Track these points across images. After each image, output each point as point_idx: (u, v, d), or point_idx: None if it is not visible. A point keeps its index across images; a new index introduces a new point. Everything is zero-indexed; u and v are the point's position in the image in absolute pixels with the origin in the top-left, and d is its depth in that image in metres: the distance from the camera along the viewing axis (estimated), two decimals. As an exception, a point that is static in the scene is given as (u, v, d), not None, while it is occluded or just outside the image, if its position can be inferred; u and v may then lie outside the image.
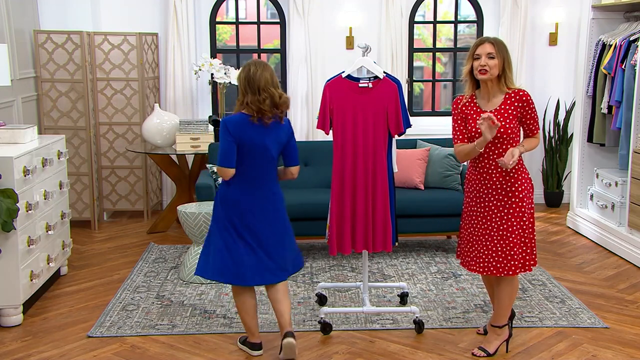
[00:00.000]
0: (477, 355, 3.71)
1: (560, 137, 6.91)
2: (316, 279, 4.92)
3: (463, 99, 3.67)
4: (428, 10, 7.22)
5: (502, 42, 3.59)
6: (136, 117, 6.47)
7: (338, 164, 3.92)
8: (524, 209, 3.56)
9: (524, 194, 3.55)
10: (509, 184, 3.54)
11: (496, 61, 3.51)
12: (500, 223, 3.57)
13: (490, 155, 3.56)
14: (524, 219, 3.57)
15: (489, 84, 3.57)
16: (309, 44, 6.68)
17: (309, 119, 6.75)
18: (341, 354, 3.75)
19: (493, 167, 3.56)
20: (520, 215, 3.55)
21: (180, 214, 4.85)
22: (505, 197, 3.55)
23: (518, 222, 3.55)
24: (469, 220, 3.71)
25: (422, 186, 5.60)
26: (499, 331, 3.73)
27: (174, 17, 6.57)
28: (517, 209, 3.55)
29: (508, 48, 3.62)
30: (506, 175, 3.54)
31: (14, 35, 5.68)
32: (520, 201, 3.54)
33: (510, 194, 3.54)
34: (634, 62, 5.26)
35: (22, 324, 4.15)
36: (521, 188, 3.55)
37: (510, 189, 3.54)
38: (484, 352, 3.71)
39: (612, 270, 5.13)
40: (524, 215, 3.56)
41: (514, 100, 3.54)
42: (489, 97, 3.60)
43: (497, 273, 3.59)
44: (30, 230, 4.26)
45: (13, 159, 4.02)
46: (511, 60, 3.60)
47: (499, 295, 3.69)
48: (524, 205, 3.56)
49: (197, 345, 3.85)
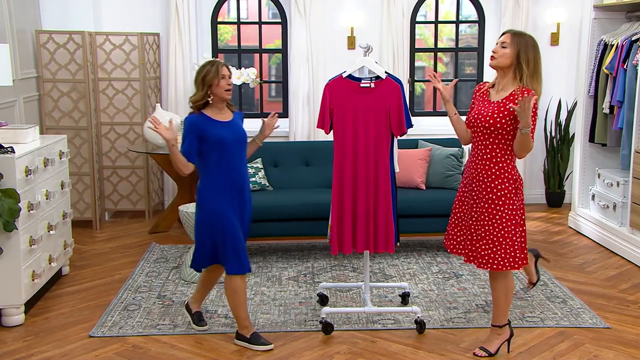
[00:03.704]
0: (479, 355, 3.71)
1: (561, 137, 6.90)
2: (317, 279, 4.91)
3: (482, 87, 3.71)
4: (429, 10, 7.21)
5: (525, 38, 3.52)
6: (138, 117, 6.48)
7: (338, 164, 3.92)
8: (499, 207, 3.52)
9: (502, 193, 3.51)
10: (489, 180, 3.53)
11: (507, 51, 3.49)
12: (477, 215, 3.59)
13: (479, 146, 3.58)
14: (497, 217, 3.52)
15: (500, 74, 3.58)
16: (311, 44, 6.68)
17: (310, 119, 6.74)
18: (342, 354, 3.75)
19: (480, 159, 3.57)
20: (494, 214, 3.52)
21: (181, 214, 4.85)
22: (484, 192, 3.55)
23: (490, 219, 3.54)
24: (459, 206, 3.74)
25: (424, 186, 5.60)
26: (500, 331, 3.73)
27: (175, 17, 6.57)
28: (492, 205, 3.53)
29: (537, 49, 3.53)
30: (488, 170, 3.54)
31: (16, 36, 5.68)
32: (498, 199, 3.51)
33: (489, 189, 3.54)
34: (635, 62, 5.25)
35: (24, 324, 4.16)
36: (501, 186, 3.51)
37: (490, 185, 3.53)
38: (485, 352, 3.71)
39: (614, 271, 5.12)
40: (497, 214, 3.52)
41: (517, 97, 3.47)
42: (499, 88, 3.59)
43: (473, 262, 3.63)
44: (32, 230, 4.26)
45: (15, 158, 4.02)
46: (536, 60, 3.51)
47: (493, 292, 3.69)
48: (500, 204, 3.52)
49: (198, 345, 3.85)
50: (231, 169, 3.72)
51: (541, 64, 3.55)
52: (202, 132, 3.68)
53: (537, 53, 3.53)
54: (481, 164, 3.57)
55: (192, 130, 3.68)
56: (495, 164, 3.53)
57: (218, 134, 3.68)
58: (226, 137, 3.69)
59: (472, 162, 3.63)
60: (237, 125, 3.81)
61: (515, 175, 3.56)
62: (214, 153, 3.69)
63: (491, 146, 3.53)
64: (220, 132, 3.68)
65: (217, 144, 3.67)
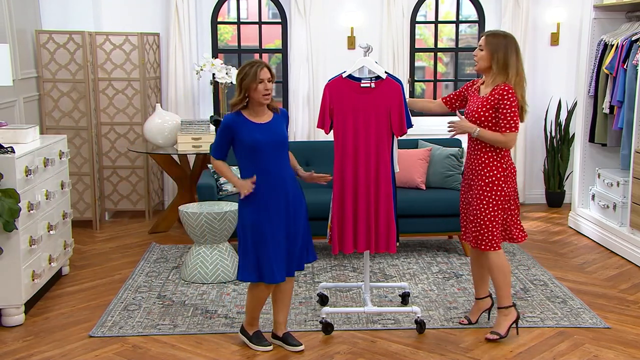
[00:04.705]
0: (491, 339, 3.83)
1: (561, 137, 6.90)
2: (317, 279, 4.91)
3: (477, 82, 3.96)
4: (429, 10, 7.21)
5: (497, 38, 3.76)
6: (138, 117, 6.48)
7: (339, 164, 3.92)
8: (487, 193, 3.76)
9: (490, 180, 3.76)
10: (480, 168, 3.80)
11: (483, 53, 3.77)
12: (470, 200, 3.87)
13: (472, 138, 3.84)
14: (484, 202, 3.77)
15: (486, 73, 3.83)
16: (311, 44, 6.69)
17: (310, 119, 6.75)
18: (342, 354, 3.75)
19: (472, 149, 3.85)
20: (481, 199, 3.78)
21: (181, 214, 4.85)
22: (476, 179, 3.82)
23: (478, 203, 3.79)
24: (462, 194, 4.02)
25: (424, 186, 5.60)
26: (506, 312, 3.87)
27: (175, 17, 6.57)
28: (481, 191, 3.78)
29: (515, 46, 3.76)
30: (479, 159, 3.80)
31: (16, 36, 5.68)
32: (486, 185, 3.77)
33: (479, 176, 3.80)
34: (635, 62, 5.25)
35: (24, 324, 4.16)
36: (490, 173, 3.77)
37: (480, 172, 3.80)
38: (497, 335, 3.84)
39: (614, 271, 5.12)
40: (485, 199, 3.77)
41: (495, 92, 3.74)
42: (487, 84, 3.84)
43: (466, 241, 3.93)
44: (32, 230, 4.26)
45: (15, 158, 4.02)
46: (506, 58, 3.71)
47: (490, 275, 3.90)
48: (488, 190, 3.76)
49: (198, 345, 3.85)
50: (267, 174, 3.58)
51: (515, 60, 3.75)
52: (236, 134, 3.57)
53: (509, 51, 3.73)
54: (474, 154, 3.84)
55: (225, 131, 3.60)
56: (485, 153, 3.79)
57: (252, 137, 3.55)
58: (261, 141, 3.56)
59: (468, 153, 3.93)
60: (275, 127, 3.64)
61: (505, 164, 3.79)
62: (248, 156, 3.59)
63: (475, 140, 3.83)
64: (255, 136, 3.55)
65: (251, 147, 3.55)
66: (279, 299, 3.80)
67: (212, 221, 4.77)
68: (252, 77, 3.52)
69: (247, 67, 3.55)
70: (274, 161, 3.61)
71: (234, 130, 3.58)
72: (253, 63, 3.56)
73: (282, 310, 3.82)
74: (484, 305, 4.12)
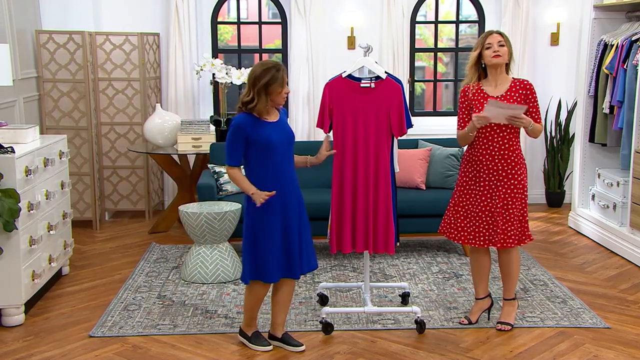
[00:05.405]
0: (503, 330, 3.99)
1: (561, 137, 6.90)
2: (317, 279, 4.91)
3: (471, 88, 3.92)
4: (429, 10, 7.21)
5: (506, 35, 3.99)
6: (138, 117, 6.48)
7: (338, 164, 3.92)
8: (523, 190, 3.91)
9: (522, 177, 3.90)
10: (510, 167, 3.86)
11: (506, 49, 3.86)
12: (504, 202, 3.87)
13: (495, 139, 3.84)
14: (523, 198, 3.92)
15: (497, 70, 3.88)
16: (311, 44, 6.69)
17: (310, 119, 6.75)
18: (342, 354, 3.75)
19: (497, 150, 3.85)
20: (519, 197, 3.89)
21: (181, 214, 4.85)
22: (505, 179, 3.87)
23: (517, 201, 3.89)
24: (466, 198, 3.98)
25: (424, 186, 5.60)
26: (513, 302, 4.08)
27: (175, 17, 6.57)
28: (515, 190, 3.88)
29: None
30: (507, 159, 3.86)
31: (16, 36, 5.68)
32: (519, 183, 3.89)
33: (510, 176, 3.87)
34: (635, 62, 5.25)
35: (24, 324, 4.16)
36: (520, 171, 3.89)
37: (511, 172, 3.86)
38: (508, 325, 4.01)
39: (614, 271, 5.12)
40: (522, 195, 3.91)
41: (519, 88, 3.87)
42: (496, 83, 3.90)
43: (500, 245, 3.89)
44: (32, 230, 4.26)
45: (15, 158, 4.02)
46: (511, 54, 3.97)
47: (509, 268, 4.00)
48: (522, 186, 3.90)
49: (198, 345, 3.85)
50: (280, 172, 3.58)
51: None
52: (250, 134, 3.52)
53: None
54: (498, 155, 3.86)
55: (238, 133, 3.52)
56: (513, 152, 3.87)
57: (266, 135, 3.53)
58: (274, 139, 3.54)
59: (484, 155, 3.87)
60: (284, 125, 3.64)
61: (524, 159, 3.96)
62: (259, 156, 3.55)
63: (508, 137, 3.85)
64: (268, 134, 3.53)
65: (266, 146, 3.52)
66: (279, 301, 3.80)
67: (212, 221, 4.77)
68: (280, 81, 3.51)
69: (272, 71, 3.49)
70: (283, 160, 3.61)
71: (248, 130, 3.53)
72: (277, 67, 3.52)
73: (281, 312, 3.82)
74: (484, 305, 4.13)
